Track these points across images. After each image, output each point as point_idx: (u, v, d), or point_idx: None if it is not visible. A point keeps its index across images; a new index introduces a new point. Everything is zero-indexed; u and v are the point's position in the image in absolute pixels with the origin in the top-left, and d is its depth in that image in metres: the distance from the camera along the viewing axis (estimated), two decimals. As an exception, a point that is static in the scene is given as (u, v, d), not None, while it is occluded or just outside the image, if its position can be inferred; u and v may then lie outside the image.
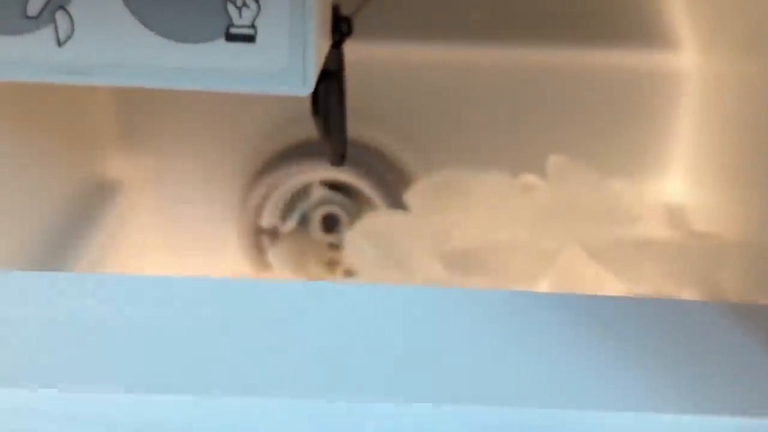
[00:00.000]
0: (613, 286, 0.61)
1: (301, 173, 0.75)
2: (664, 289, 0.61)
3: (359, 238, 0.65)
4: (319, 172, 0.75)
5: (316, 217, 0.77)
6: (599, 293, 0.59)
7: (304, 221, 0.77)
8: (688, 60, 0.74)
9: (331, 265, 0.79)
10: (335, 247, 0.78)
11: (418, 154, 0.77)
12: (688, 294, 0.61)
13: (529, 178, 0.73)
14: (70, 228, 0.68)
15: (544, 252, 0.63)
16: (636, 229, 0.66)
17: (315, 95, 0.55)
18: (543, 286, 0.62)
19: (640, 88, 0.75)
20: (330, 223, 0.77)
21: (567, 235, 0.65)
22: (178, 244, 0.78)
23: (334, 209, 0.77)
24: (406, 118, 0.76)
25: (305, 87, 0.48)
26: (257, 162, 0.76)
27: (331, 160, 0.58)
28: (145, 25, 0.47)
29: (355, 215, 0.76)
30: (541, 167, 0.72)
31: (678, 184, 0.76)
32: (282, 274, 0.77)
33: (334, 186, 0.77)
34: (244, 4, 0.47)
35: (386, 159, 0.76)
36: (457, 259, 0.62)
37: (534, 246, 0.63)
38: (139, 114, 0.76)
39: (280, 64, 0.48)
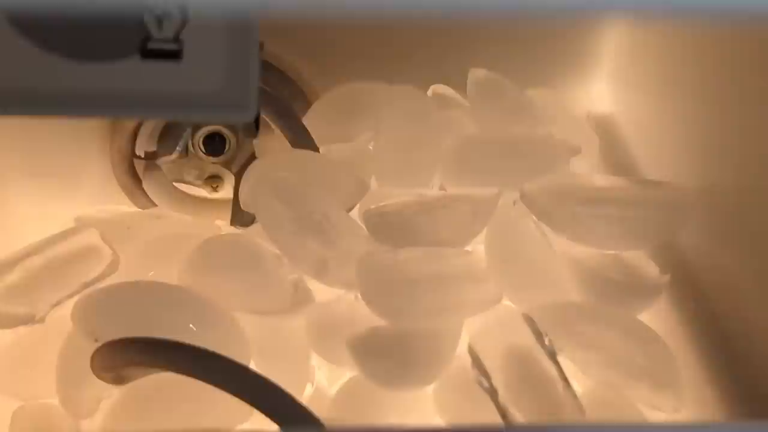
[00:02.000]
0: (560, 245, 0.55)
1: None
2: (617, 249, 0.56)
3: (262, 189, 0.56)
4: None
5: (199, 137, 0.66)
6: (543, 257, 0.54)
7: (184, 143, 0.67)
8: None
9: (213, 179, 0.69)
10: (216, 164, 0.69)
11: (316, 66, 0.67)
12: (640, 256, 0.56)
13: (443, 89, 0.65)
14: None
15: (478, 205, 0.55)
16: (573, 164, 0.59)
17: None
18: (479, 248, 0.56)
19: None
20: (214, 145, 0.67)
21: (499, 176, 0.58)
22: (40, 171, 0.67)
23: (218, 128, 0.66)
24: (301, 25, 0.65)
25: (246, 113, 0.38)
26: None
27: (245, 131, 0.48)
28: (39, 44, 0.36)
29: (242, 135, 0.66)
30: (453, 80, 0.64)
31: (604, 92, 0.69)
32: (159, 202, 0.67)
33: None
34: (165, 13, 0.36)
35: (280, 72, 0.66)
36: (382, 223, 0.54)
37: (465, 198, 0.56)
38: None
39: (214, 86, 0.37)
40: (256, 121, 0.49)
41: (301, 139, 0.60)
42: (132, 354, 0.46)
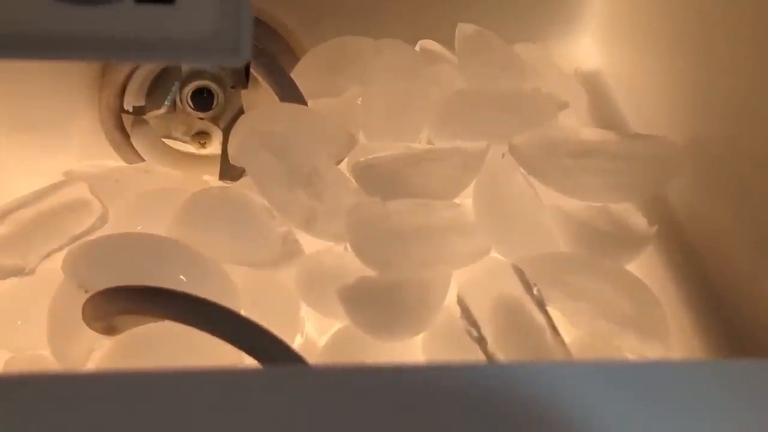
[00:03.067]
0: (549, 199, 0.55)
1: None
2: (605, 201, 0.56)
3: (251, 141, 0.56)
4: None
5: (186, 92, 0.66)
6: (531, 209, 0.54)
7: (172, 97, 0.67)
8: None
9: (201, 135, 0.69)
10: (203, 119, 0.68)
11: (303, 20, 0.66)
12: (628, 208, 0.56)
13: (431, 45, 0.65)
14: None
15: (467, 158, 0.56)
16: (561, 119, 0.60)
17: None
18: (467, 202, 0.56)
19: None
20: (202, 100, 0.66)
21: (487, 130, 0.59)
22: (27, 125, 0.66)
23: (205, 83, 0.66)
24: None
25: (239, 57, 0.38)
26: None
27: (236, 81, 0.48)
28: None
29: (230, 88, 0.66)
30: (440, 35, 0.64)
31: (591, 48, 0.69)
32: (147, 157, 0.67)
33: (206, 56, 0.66)
34: (159, -44, 0.36)
35: (267, 27, 0.65)
36: (371, 175, 0.55)
37: (454, 151, 0.56)
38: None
39: (207, 30, 0.37)
40: (247, 71, 0.49)
41: (290, 94, 0.60)
42: (124, 301, 0.46)
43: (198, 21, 0.37)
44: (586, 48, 0.69)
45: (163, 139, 0.68)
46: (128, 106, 0.66)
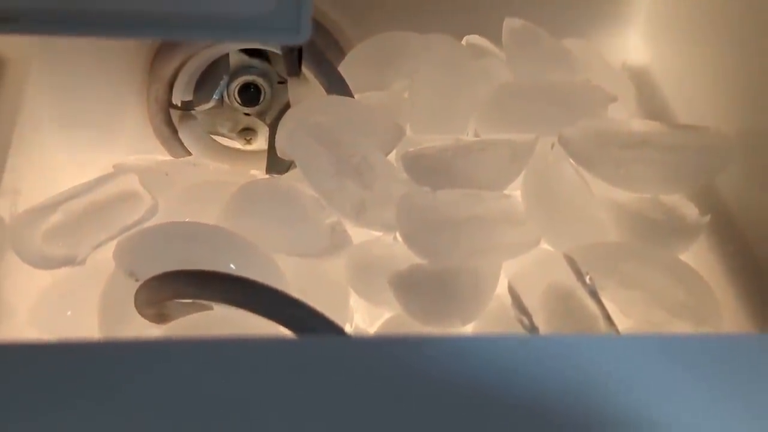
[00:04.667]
0: (599, 190, 0.55)
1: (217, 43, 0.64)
2: (656, 192, 0.56)
3: (299, 131, 0.56)
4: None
5: (234, 87, 0.66)
6: (582, 200, 0.54)
7: (220, 92, 0.67)
8: None
9: (247, 131, 0.70)
10: (249, 115, 0.69)
11: (350, 15, 0.67)
12: (679, 199, 0.56)
13: (478, 40, 0.65)
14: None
15: (516, 149, 0.56)
16: (610, 112, 0.59)
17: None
18: (516, 192, 0.56)
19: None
20: (249, 95, 0.67)
21: (535, 122, 0.58)
22: (77, 120, 0.67)
23: (253, 78, 0.66)
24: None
25: (300, 35, 0.38)
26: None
27: (288, 70, 0.48)
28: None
29: (276, 84, 0.66)
30: (487, 30, 0.64)
31: (639, 43, 0.69)
32: (194, 151, 0.67)
33: (253, 52, 0.67)
34: (221, -67, 0.36)
35: (314, 22, 0.65)
36: (420, 165, 0.55)
37: (503, 142, 0.56)
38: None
39: (267, 8, 0.38)
40: (299, 58, 0.49)
41: (337, 87, 0.60)
42: (177, 285, 0.46)
43: (260, 1, 0.37)
44: (634, 43, 0.69)
45: (210, 135, 0.68)
46: (176, 100, 0.67)
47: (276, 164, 0.63)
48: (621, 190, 0.56)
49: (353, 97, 0.60)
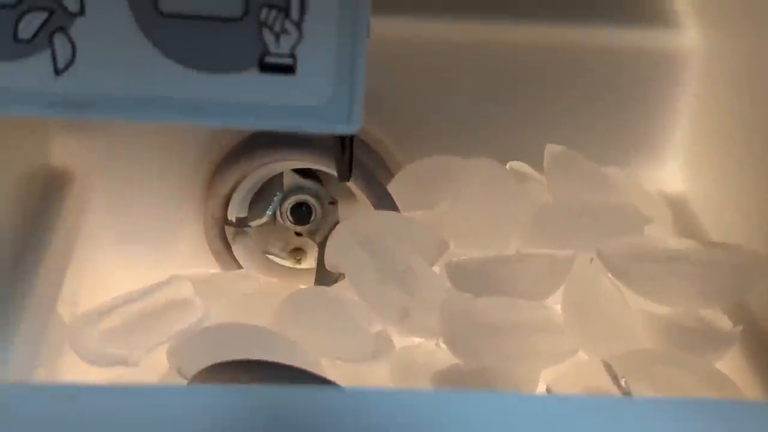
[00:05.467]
0: (635, 304, 0.57)
1: (273, 162, 0.68)
2: (691, 307, 0.57)
3: (347, 242, 0.59)
4: (291, 162, 0.68)
5: (287, 206, 0.70)
6: (619, 311, 0.55)
7: (273, 209, 0.71)
8: (689, 40, 0.69)
9: (297, 252, 0.73)
10: (300, 234, 0.72)
11: (399, 141, 0.70)
12: (713, 313, 0.57)
13: (520, 166, 0.68)
14: (20, 226, 0.60)
15: (555, 263, 0.58)
16: (646, 232, 0.61)
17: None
18: (556, 303, 0.58)
19: (637, 69, 0.69)
20: (301, 213, 0.70)
21: (574, 240, 0.61)
22: (135, 236, 0.70)
23: (305, 198, 0.70)
24: (387, 101, 0.69)
25: (351, 124, 0.41)
26: (224, 147, 0.69)
27: (339, 175, 0.51)
28: (163, 52, 0.39)
29: (327, 204, 0.70)
30: (529, 155, 0.67)
31: (677, 171, 0.72)
32: (247, 267, 0.70)
33: (306, 173, 0.70)
34: (283, 30, 0.40)
35: (365, 145, 0.69)
36: (463, 273, 0.57)
37: (542, 256, 0.58)
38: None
39: (323, 99, 0.41)
40: (350, 167, 0.52)
41: (385, 204, 0.63)
42: (229, 374, 0.48)
43: (315, 90, 0.40)
44: (671, 173, 0.72)
45: (263, 253, 0.71)
46: (231, 217, 0.70)
47: (324, 279, 0.66)
48: (656, 305, 0.57)
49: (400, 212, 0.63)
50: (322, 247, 0.68)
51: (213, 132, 0.69)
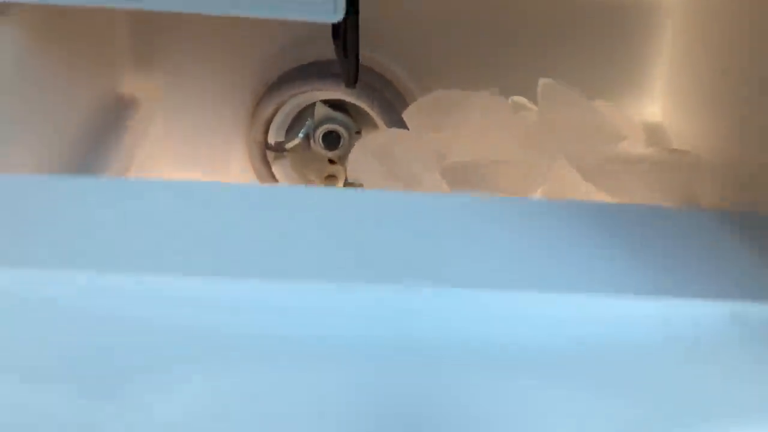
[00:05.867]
0: (601, 200, 0.67)
1: (308, 92, 0.80)
2: (648, 202, 0.67)
3: (364, 154, 0.70)
4: (323, 92, 0.80)
5: (319, 134, 0.82)
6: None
7: (307, 138, 0.82)
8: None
9: (331, 178, 0.84)
10: (334, 162, 0.84)
11: (414, 76, 0.82)
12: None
13: (520, 99, 0.78)
14: (88, 143, 0.72)
15: (537, 168, 0.68)
16: (619, 147, 0.71)
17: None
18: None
19: (626, 18, 0.80)
20: (331, 140, 0.82)
21: (556, 153, 0.71)
22: (189, 158, 0.83)
23: (335, 127, 0.81)
24: (405, 42, 0.80)
25: (336, 13, 0.52)
26: (266, 80, 0.81)
27: (345, 81, 0.62)
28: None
29: (354, 133, 0.81)
30: (527, 89, 0.77)
31: (657, 106, 0.82)
32: (285, 186, 0.82)
33: (336, 105, 0.82)
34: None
35: (385, 80, 0.81)
36: (457, 173, 0.67)
37: (526, 163, 0.68)
38: (153, 32, 0.80)
39: (313, -8, 0.52)
40: (355, 74, 0.63)
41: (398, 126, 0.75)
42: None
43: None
44: (652, 108, 0.82)
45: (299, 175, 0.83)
46: (271, 141, 0.82)
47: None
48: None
49: (409, 133, 0.74)
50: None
51: (257, 68, 0.81)
